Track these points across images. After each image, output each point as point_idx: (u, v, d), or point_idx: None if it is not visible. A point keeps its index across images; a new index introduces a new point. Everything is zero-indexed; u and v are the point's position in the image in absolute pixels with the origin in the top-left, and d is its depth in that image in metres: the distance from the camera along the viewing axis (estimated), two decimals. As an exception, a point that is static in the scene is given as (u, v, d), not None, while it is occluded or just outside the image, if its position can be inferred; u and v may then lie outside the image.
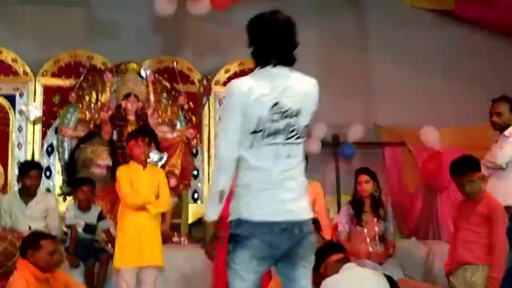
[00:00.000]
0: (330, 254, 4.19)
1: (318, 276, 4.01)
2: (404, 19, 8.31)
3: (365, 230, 5.52)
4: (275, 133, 2.95)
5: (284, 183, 2.95)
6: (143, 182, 5.09)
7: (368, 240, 5.51)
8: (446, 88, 8.13)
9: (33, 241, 4.22)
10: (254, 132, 2.95)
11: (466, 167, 4.37)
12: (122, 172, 5.14)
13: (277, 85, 2.98)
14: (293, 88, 3.00)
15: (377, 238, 5.53)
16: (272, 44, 3.05)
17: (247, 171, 2.98)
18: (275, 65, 3.02)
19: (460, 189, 4.44)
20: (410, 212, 7.51)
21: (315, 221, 6.06)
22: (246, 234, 2.93)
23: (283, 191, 2.95)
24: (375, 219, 5.56)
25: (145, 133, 5.41)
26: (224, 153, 3.00)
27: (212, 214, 3.06)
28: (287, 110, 2.95)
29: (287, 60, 3.06)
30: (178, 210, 6.90)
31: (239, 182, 3.01)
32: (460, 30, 8.43)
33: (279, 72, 3.02)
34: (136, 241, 4.97)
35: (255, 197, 2.95)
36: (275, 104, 2.95)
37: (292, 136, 2.97)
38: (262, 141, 2.95)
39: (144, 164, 5.19)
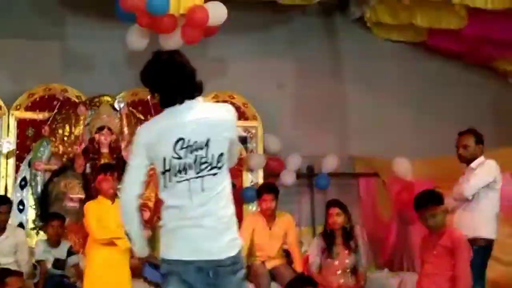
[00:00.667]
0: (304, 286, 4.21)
1: None
2: (377, 51, 8.42)
3: (336, 262, 5.54)
4: (184, 169, 2.93)
5: (200, 221, 2.91)
6: (111, 217, 5.06)
7: (339, 272, 5.53)
8: (419, 120, 8.23)
9: (-1, 278, 4.20)
10: (164, 172, 2.95)
11: (428, 201, 4.41)
12: (90, 207, 5.15)
13: (180, 121, 2.98)
14: (198, 119, 2.98)
15: (348, 270, 5.55)
16: (165, 87, 3.03)
17: (165, 211, 3.00)
18: (180, 102, 3.01)
19: (424, 223, 4.48)
20: (384, 243, 7.52)
21: (287, 254, 6.14)
22: (166, 272, 2.96)
23: (197, 229, 2.91)
24: (346, 251, 5.59)
25: (114, 167, 5.41)
26: (123, 196, 3.09)
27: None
28: (193, 144, 2.93)
29: (189, 93, 3.03)
30: (152, 243, 6.86)
31: (161, 222, 3.03)
32: (432, 62, 8.56)
33: (183, 107, 3.01)
34: (105, 276, 4.96)
35: (170, 236, 2.97)
36: (179, 140, 2.94)
37: (204, 169, 2.94)
38: (173, 179, 2.94)
39: (113, 198, 5.18)
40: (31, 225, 6.75)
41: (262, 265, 5.78)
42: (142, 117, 7.18)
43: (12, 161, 6.89)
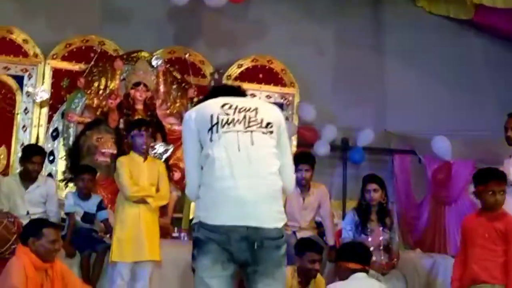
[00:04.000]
0: (351, 261, 4.09)
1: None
2: (422, 25, 8.20)
3: (370, 239, 5.37)
4: (233, 122, 2.84)
5: (248, 182, 2.75)
6: (143, 174, 4.96)
7: (372, 249, 5.35)
8: (460, 98, 8.00)
9: (35, 228, 4.08)
10: (211, 127, 2.83)
11: (492, 177, 4.19)
12: (122, 163, 4.99)
13: (227, 97, 2.98)
14: (242, 99, 3.01)
15: (381, 247, 5.40)
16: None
17: (208, 167, 2.81)
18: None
19: (483, 200, 4.22)
20: (416, 222, 7.40)
21: (319, 225, 6.01)
22: (204, 238, 2.76)
23: (246, 192, 2.74)
24: (381, 228, 5.43)
25: (149, 123, 5.27)
26: (189, 191, 2.99)
27: None
28: (242, 107, 2.89)
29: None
30: (181, 204, 6.80)
31: (201, 180, 2.86)
32: (479, 39, 8.33)
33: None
34: (135, 235, 4.85)
35: (214, 198, 2.78)
36: (226, 104, 2.90)
37: (254, 125, 2.85)
38: (220, 130, 2.82)
39: (145, 155, 5.06)
40: (60, 176, 6.71)
41: (293, 236, 5.64)
42: (179, 76, 7.06)
43: (45, 110, 6.84)
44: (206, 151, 2.84)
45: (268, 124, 2.86)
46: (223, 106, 2.86)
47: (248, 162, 2.77)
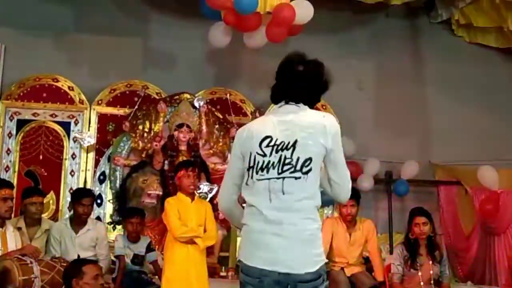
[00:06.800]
0: None
1: None
2: (462, 54, 8.16)
3: (420, 273, 5.31)
4: (267, 167, 2.80)
5: (281, 229, 2.73)
6: (191, 215, 5.01)
7: (422, 283, 5.30)
8: (505, 127, 7.88)
9: (75, 269, 4.14)
10: (249, 168, 2.85)
11: None
12: (171, 204, 5.06)
13: (273, 120, 2.90)
14: (290, 121, 2.86)
15: (432, 282, 5.32)
16: (282, 86, 2.98)
17: (246, 209, 2.87)
18: (286, 103, 2.93)
19: None
20: (465, 254, 7.25)
21: (366, 260, 5.96)
22: (243, 281, 2.79)
23: (276, 239, 2.73)
24: (430, 262, 5.36)
25: (195, 164, 5.35)
26: (219, 201, 3.07)
27: None
28: (280, 144, 2.81)
29: (302, 100, 2.91)
30: (227, 243, 6.83)
31: (243, 219, 2.89)
32: (522, 68, 8.21)
33: (283, 110, 2.92)
34: (184, 275, 4.89)
35: (249, 239, 2.82)
36: (265, 138, 2.84)
37: (286, 170, 2.78)
38: (255, 176, 2.81)
39: (192, 196, 5.12)
40: (108, 219, 6.82)
41: (341, 272, 5.61)
42: (221, 116, 7.15)
43: (92, 155, 6.99)
44: (243, 192, 2.89)
45: (305, 162, 2.79)
46: (262, 140, 2.85)
47: (279, 210, 2.77)
